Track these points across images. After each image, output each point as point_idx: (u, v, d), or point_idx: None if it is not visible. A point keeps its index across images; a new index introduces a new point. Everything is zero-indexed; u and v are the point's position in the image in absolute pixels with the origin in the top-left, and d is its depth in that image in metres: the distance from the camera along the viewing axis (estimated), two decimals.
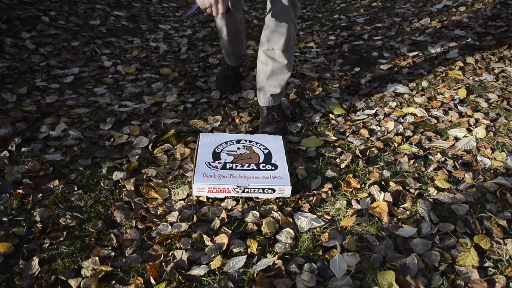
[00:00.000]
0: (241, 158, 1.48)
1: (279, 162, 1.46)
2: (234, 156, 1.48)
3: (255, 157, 1.48)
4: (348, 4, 3.89)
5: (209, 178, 1.38)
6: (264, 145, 1.55)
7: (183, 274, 1.11)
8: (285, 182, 1.36)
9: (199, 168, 1.43)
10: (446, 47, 2.48)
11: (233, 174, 1.40)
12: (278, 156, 1.50)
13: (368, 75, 2.27)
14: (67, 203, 1.38)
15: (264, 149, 1.52)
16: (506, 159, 1.49)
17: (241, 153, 1.50)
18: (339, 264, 1.09)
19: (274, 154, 1.51)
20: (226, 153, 1.51)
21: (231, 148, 1.53)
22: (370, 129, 1.75)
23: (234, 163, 1.45)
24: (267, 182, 1.36)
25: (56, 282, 1.10)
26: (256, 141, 1.57)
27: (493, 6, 2.98)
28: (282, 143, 1.57)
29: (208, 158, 1.48)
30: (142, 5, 3.77)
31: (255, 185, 1.35)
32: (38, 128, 1.80)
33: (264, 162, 1.46)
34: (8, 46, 2.49)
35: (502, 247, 1.14)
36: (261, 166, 1.44)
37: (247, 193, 1.37)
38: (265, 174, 1.40)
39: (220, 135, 1.62)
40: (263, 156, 1.49)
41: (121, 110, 1.98)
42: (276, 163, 1.46)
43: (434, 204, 1.31)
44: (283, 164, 1.45)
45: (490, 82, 2.05)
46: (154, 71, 2.49)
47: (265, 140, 1.59)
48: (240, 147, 1.53)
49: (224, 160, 1.47)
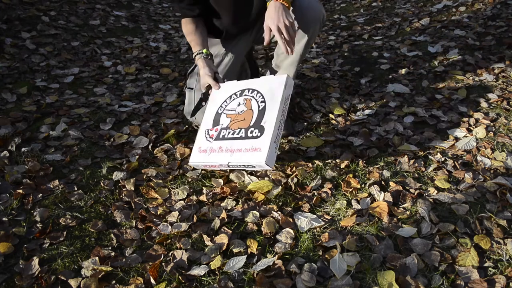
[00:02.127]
0: (236, 120, 1.46)
1: (268, 123, 1.37)
2: (231, 117, 1.47)
3: (248, 117, 1.43)
4: (348, 4, 3.89)
5: (202, 154, 1.44)
6: (263, 95, 1.46)
7: (183, 274, 1.11)
8: (261, 157, 1.30)
9: (198, 140, 1.50)
10: (446, 47, 2.48)
11: (222, 147, 1.41)
12: (270, 111, 1.39)
13: (368, 75, 2.27)
14: (67, 203, 1.38)
15: (261, 102, 1.44)
16: (506, 159, 1.49)
17: (238, 112, 1.47)
18: (339, 264, 1.09)
19: (268, 107, 1.41)
20: (225, 114, 1.50)
21: (232, 106, 1.50)
22: (370, 129, 1.75)
23: (228, 129, 1.45)
24: (246, 158, 1.34)
25: (56, 282, 1.10)
26: (258, 90, 1.48)
27: (493, 6, 2.98)
28: (281, 89, 1.42)
29: (209, 125, 1.51)
30: (142, 5, 3.77)
31: (237, 162, 1.35)
32: (38, 128, 1.80)
33: (254, 124, 1.40)
34: (8, 46, 2.49)
35: (502, 247, 1.14)
36: (248, 133, 1.39)
37: (232, 168, 1.40)
38: (248, 145, 1.36)
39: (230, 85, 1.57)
40: (257, 114, 1.42)
41: (121, 110, 1.98)
42: (264, 126, 1.37)
43: (434, 204, 1.31)
44: (270, 126, 1.36)
45: (490, 82, 2.05)
46: (154, 71, 2.49)
47: (266, 88, 1.47)
48: (241, 102, 1.49)
49: (221, 126, 1.48)
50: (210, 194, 1.41)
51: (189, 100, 1.71)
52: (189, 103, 1.70)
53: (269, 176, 1.49)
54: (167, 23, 3.46)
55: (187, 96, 1.73)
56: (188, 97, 1.71)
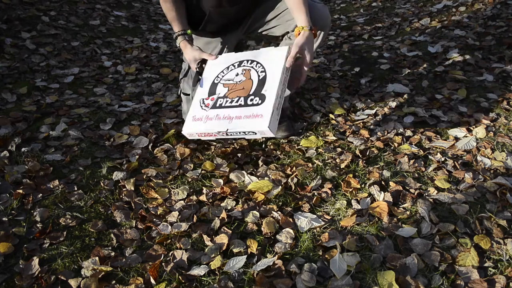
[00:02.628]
0: (234, 89, 1.41)
1: (269, 90, 1.34)
2: (228, 87, 1.43)
3: (248, 86, 1.39)
4: (348, 4, 3.89)
5: (197, 122, 1.37)
6: (263, 65, 1.43)
7: (183, 274, 1.11)
8: (264, 122, 1.26)
9: (192, 109, 1.42)
10: (446, 47, 2.48)
11: (219, 115, 1.35)
12: (271, 80, 1.37)
13: (368, 75, 2.27)
14: (67, 203, 1.38)
15: (262, 71, 1.41)
16: (506, 159, 1.49)
17: (236, 82, 1.42)
18: (339, 264, 1.09)
19: (269, 76, 1.38)
20: (222, 84, 1.45)
21: (230, 76, 1.45)
22: (370, 129, 1.75)
23: (226, 98, 1.39)
24: (248, 124, 1.29)
25: (56, 282, 1.10)
26: (257, 61, 1.45)
27: (493, 6, 2.98)
28: (283, 60, 1.39)
29: (204, 94, 1.44)
30: (142, 5, 3.77)
31: (237, 128, 1.29)
32: (38, 128, 1.80)
33: (254, 93, 1.36)
34: (8, 46, 2.49)
35: (502, 247, 1.14)
36: (248, 100, 1.34)
37: (231, 136, 1.33)
38: (248, 113, 1.31)
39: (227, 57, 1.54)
40: (257, 83, 1.39)
41: (121, 110, 1.98)
42: (265, 93, 1.34)
43: (434, 204, 1.31)
44: (272, 94, 1.33)
45: (490, 82, 2.05)
46: (154, 71, 2.49)
47: (267, 58, 1.45)
48: (239, 73, 1.45)
49: (217, 95, 1.42)
50: (210, 194, 1.41)
51: (187, 106, 1.71)
52: (188, 108, 1.70)
53: (269, 176, 1.49)
54: (167, 23, 3.46)
55: (184, 102, 1.72)
56: (187, 103, 1.71)
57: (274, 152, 1.64)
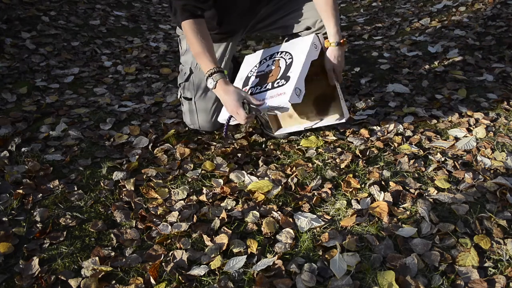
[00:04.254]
0: (264, 78, 1.51)
1: (293, 72, 1.42)
2: (260, 77, 1.53)
3: (276, 73, 1.49)
4: (348, 4, 3.89)
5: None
6: (291, 53, 1.52)
7: (183, 274, 1.11)
8: (285, 99, 1.35)
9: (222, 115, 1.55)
10: (446, 47, 2.48)
11: None
12: (296, 63, 1.45)
13: (368, 75, 2.27)
14: (67, 203, 1.38)
15: (289, 58, 1.50)
16: (506, 159, 1.49)
17: (267, 72, 1.52)
18: (339, 264, 1.09)
19: (295, 60, 1.46)
20: (254, 76, 1.55)
21: (262, 68, 1.56)
22: (370, 129, 1.75)
23: (256, 86, 1.50)
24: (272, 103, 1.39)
25: (56, 282, 1.10)
26: (286, 51, 1.55)
27: (493, 6, 2.98)
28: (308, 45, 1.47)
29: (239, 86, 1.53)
30: (142, 5, 3.77)
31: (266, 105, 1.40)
32: (38, 128, 1.80)
33: (281, 77, 1.45)
34: (8, 46, 2.49)
35: (502, 247, 1.14)
36: (275, 84, 1.44)
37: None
38: (273, 93, 1.41)
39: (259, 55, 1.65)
40: (284, 69, 1.48)
41: (121, 110, 1.98)
42: (290, 75, 1.42)
43: (434, 204, 1.31)
44: (295, 74, 1.41)
45: (490, 82, 2.05)
46: (154, 71, 2.49)
47: (295, 46, 1.53)
48: (270, 64, 1.55)
49: (250, 86, 1.53)
50: (210, 194, 1.41)
51: (190, 110, 1.69)
52: (190, 111, 1.69)
53: (269, 176, 1.49)
54: (167, 23, 3.46)
55: (186, 106, 1.70)
56: (188, 107, 1.69)
57: (274, 152, 1.64)
